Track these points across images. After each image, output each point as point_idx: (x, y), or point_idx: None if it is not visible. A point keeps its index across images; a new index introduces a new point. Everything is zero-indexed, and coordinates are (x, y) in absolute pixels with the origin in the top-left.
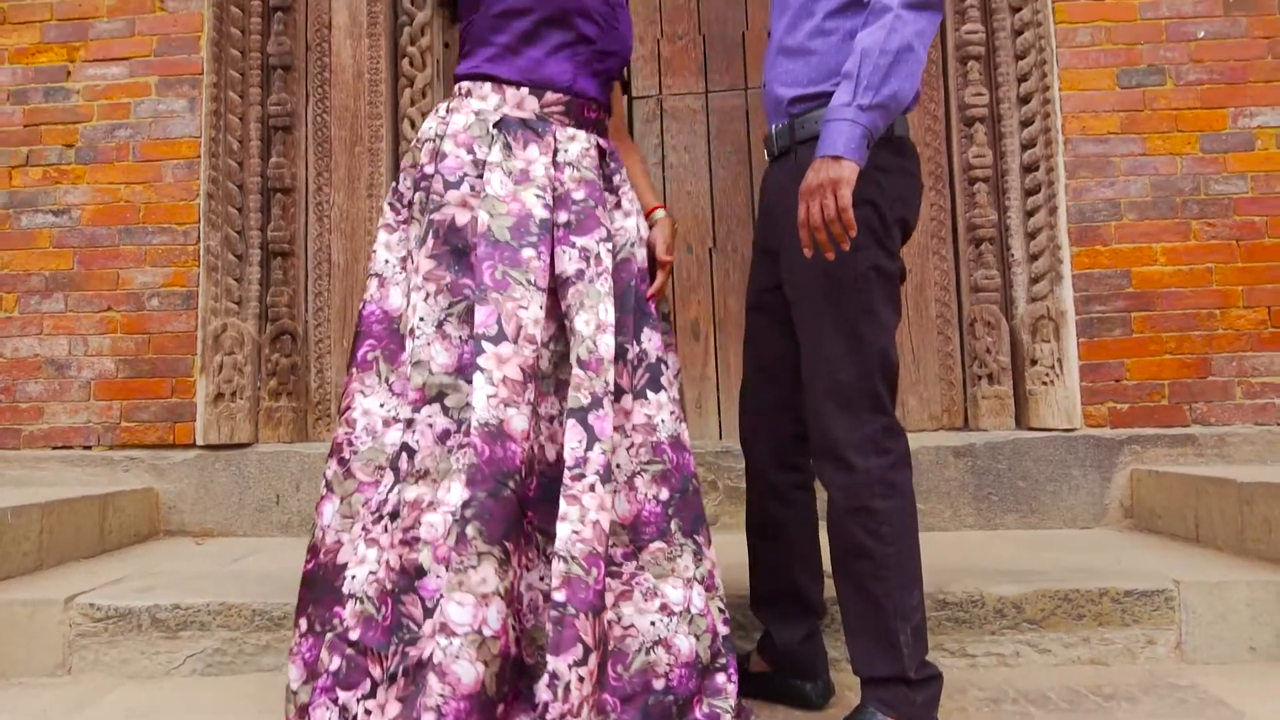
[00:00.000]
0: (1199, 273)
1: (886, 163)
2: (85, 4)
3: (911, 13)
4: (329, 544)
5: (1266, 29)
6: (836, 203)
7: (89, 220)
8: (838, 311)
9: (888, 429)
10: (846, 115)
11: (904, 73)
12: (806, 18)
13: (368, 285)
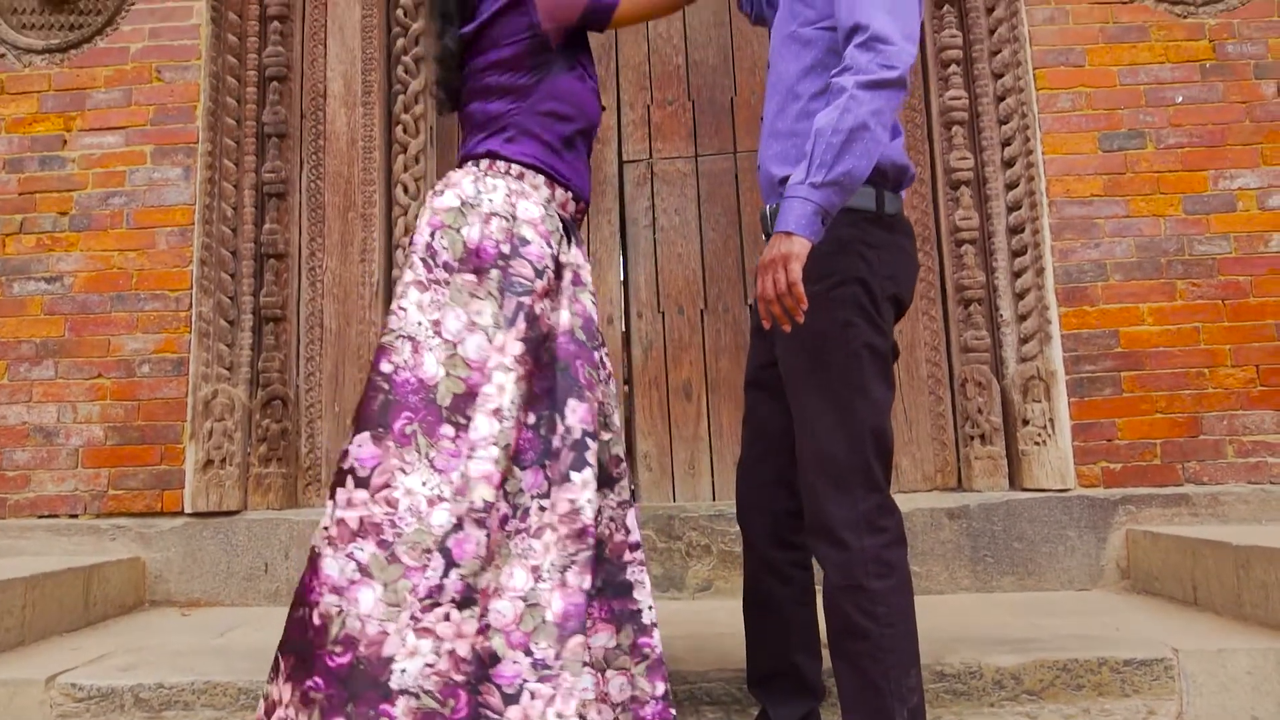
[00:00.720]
0: (1186, 332)
1: (877, 239)
2: (83, 74)
3: (867, 92)
4: (371, 635)
5: (1243, 94)
6: (787, 276)
7: (81, 287)
8: (829, 389)
9: (882, 507)
10: (799, 193)
11: (858, 151)
12: (793, 100)
13: (396, 347)
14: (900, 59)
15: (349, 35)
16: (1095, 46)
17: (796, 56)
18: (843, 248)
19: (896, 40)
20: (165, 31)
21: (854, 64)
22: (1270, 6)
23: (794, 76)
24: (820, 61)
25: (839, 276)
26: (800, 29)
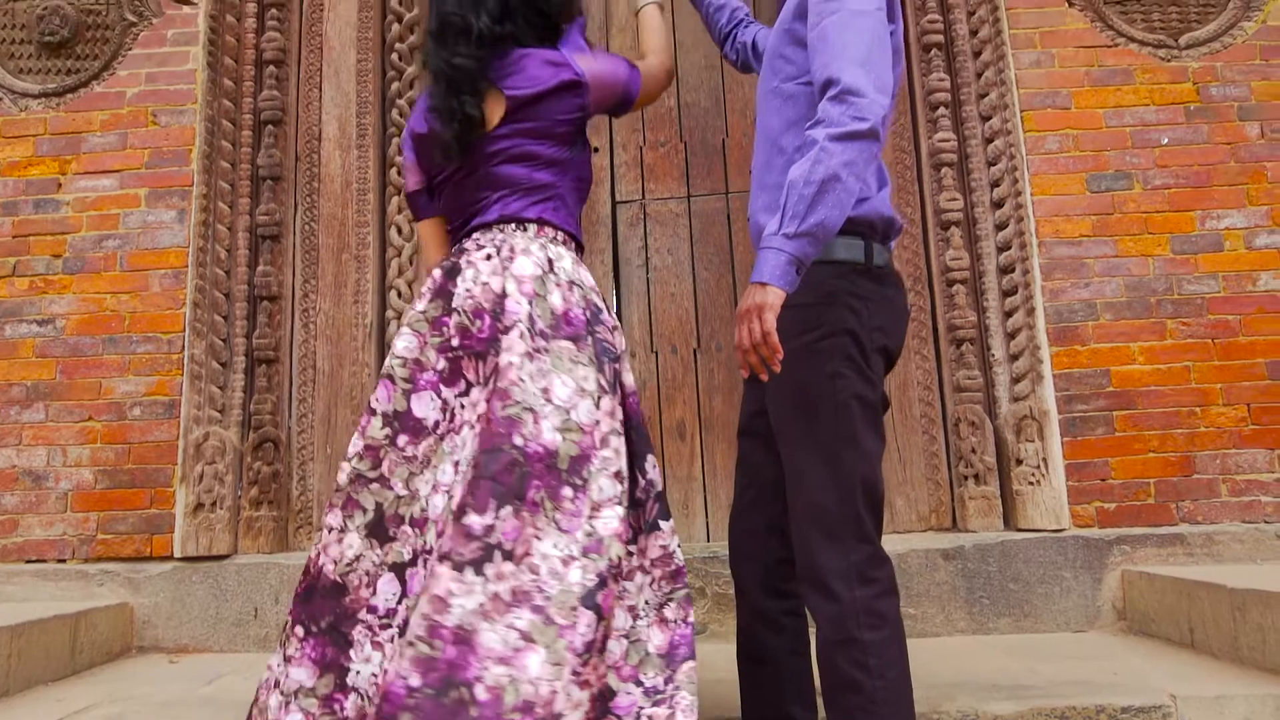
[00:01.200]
0: (1177, 371)
1: (866, 291)
2: (79, 118)
3: (838, 144)
4: (544, 696)
5: (1227, 135)
6: (761, 326)
7: (73, 330)
8: (819, 440)
9: (873, 558)
10: (773, 244)
11: (830, 202)
12: (778, 154)
13: (522, 419)
14: (872, 111)
15: (344, 79)
16: (1081, 90)
17: (779, 111)
18: (831, 300)
19: (868, 93)
20: (162, 76)
21: (826, 117)
22: (1252, 50)
23: (777, 130)
24: (803, 116)
25: (828, 328)
26: (782, 84)
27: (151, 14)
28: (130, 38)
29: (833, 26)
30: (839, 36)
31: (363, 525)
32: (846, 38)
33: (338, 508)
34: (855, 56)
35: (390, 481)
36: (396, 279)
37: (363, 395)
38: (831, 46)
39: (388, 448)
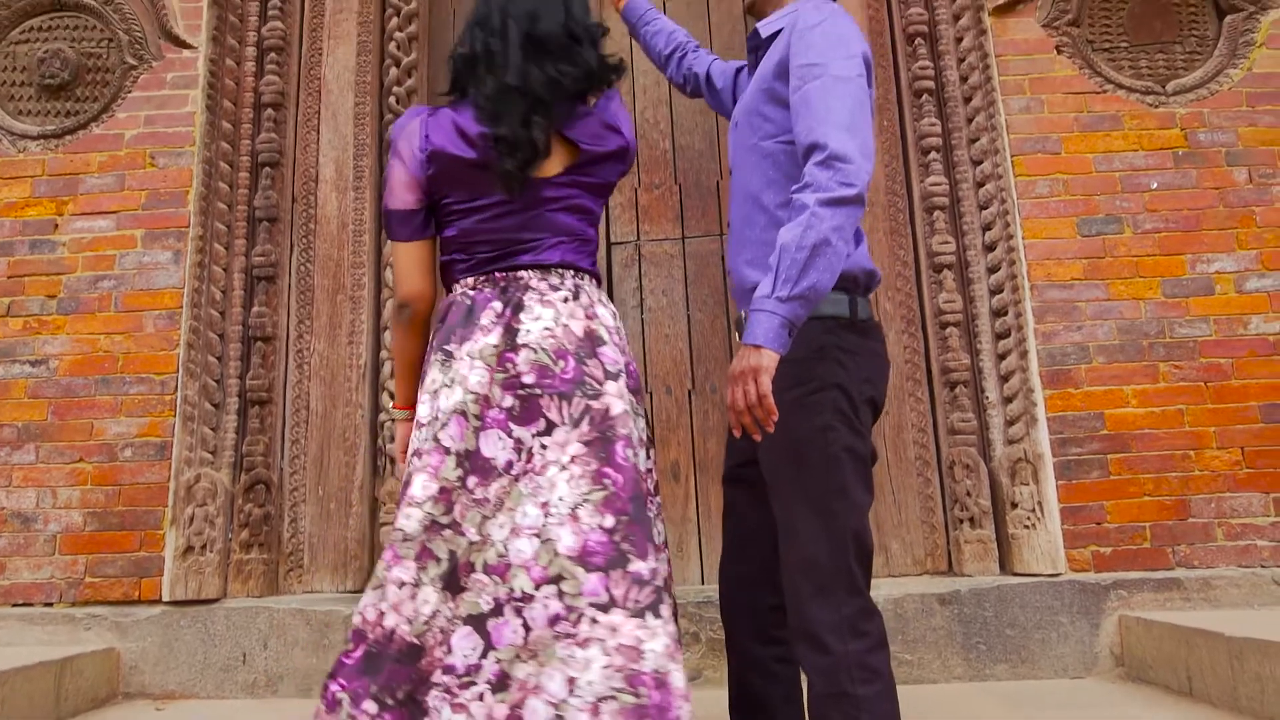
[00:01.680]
0: (1171, 414)
1: (852, 345)
2: (77, 160)
3: (827, 209)
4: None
5: (1215, 180)
6: (757, 389)
7: (66, 370)
8: (810, 492)
9: (864, 610)
10: (766, 306)
11: (821, 265)
12: (760, 211)
13: (636, 464)
14: (859, 177)
15: (342, 122)
16: (1070, 135)
17: (758, 168)
18: (820, 354)
19: (855, 159)
20: (160, 119)
21: (814, 181)
22: (1238, 97)
23: (758, 187)
24: (784, 174)
25: (817, 382)
26: (761, 142)
27: (152, 57)
28: (130, 80)
29: (816, 91)
30: (823, 102)
31: (438, 577)
32: (831, 103)
33: (409, 559)
34: (840, 122)
35: (463, 527)
36: None
37: (356, 436)
38: (816, 111)
39: (459, 490)
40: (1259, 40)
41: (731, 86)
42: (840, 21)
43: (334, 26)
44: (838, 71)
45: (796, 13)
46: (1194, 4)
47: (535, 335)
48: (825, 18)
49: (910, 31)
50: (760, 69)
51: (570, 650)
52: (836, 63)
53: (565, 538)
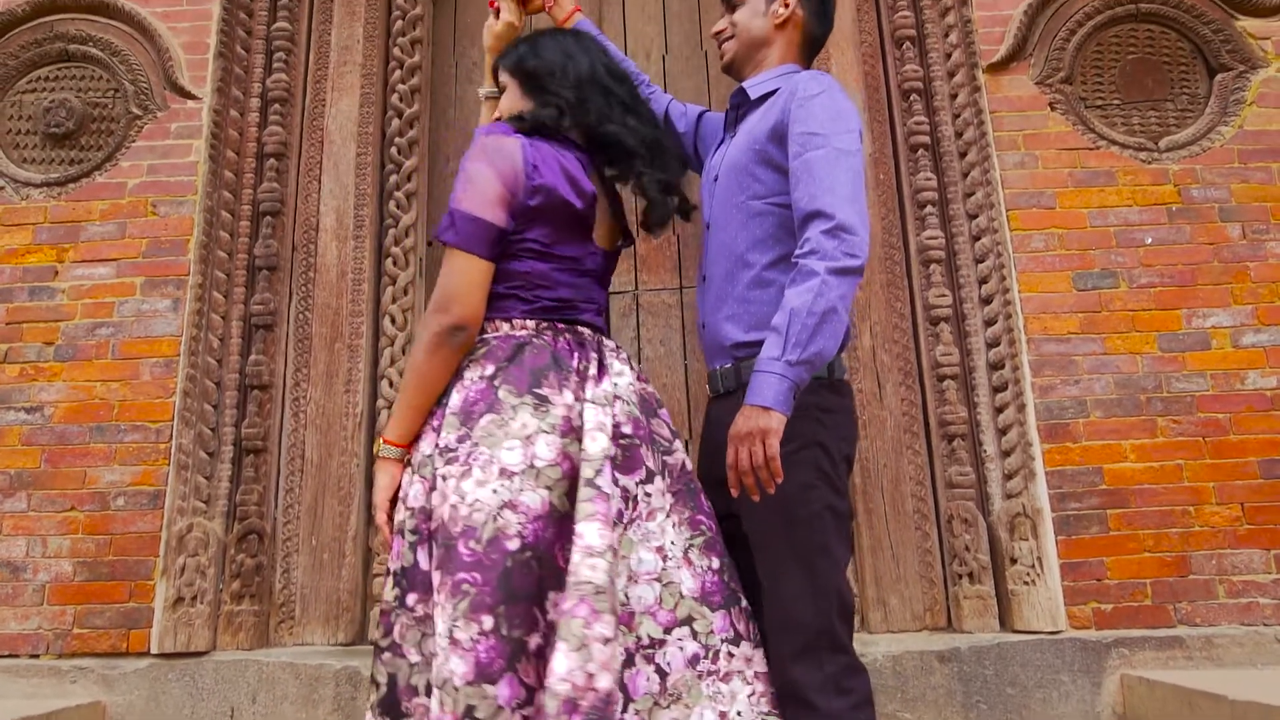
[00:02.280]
0: (1170, 469)
1: (831, 404)
2: (79, 208)
3: (836, 278)
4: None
5: (1209, 235)
6: (765, 451)
7: (61, 418)
8: (794, 551)
9: (849, 668)
10: (775, 369)
11: (828, 332)
12: (744, 268)
13: None
14: (863, 249)
15: (343, 171)
16: (1065, 190)
17: (745, 226)
18: (803, 413)
19: (860, 231)
20: (163, 168)
21: (820, 249)
22: (1230, 154)
23: (744, 245)
24: (772, 235)
25: (799, 441)
26: (750, 201)
27: (157, 108)
28: (134, 130)
29: (819, 161)
30: (828, 173)
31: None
32: (836, 175)
33: (605, 613)
34: (845, 194)
35: None
36: (389, 368)
37: (350, 485)
38: (820, 180)
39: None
40: (1249, 99)
41: (693, 131)
42: (838, 95)
43: (338, 79)
44: (840, 144)
45: (794, 81)
46: (1184, 63)
47: (624, 388)
48: (825, 89)
49: (906, 88)
50: (749, 129)
51: (716, 686)
52: (839, 136)
53: (686, 580)
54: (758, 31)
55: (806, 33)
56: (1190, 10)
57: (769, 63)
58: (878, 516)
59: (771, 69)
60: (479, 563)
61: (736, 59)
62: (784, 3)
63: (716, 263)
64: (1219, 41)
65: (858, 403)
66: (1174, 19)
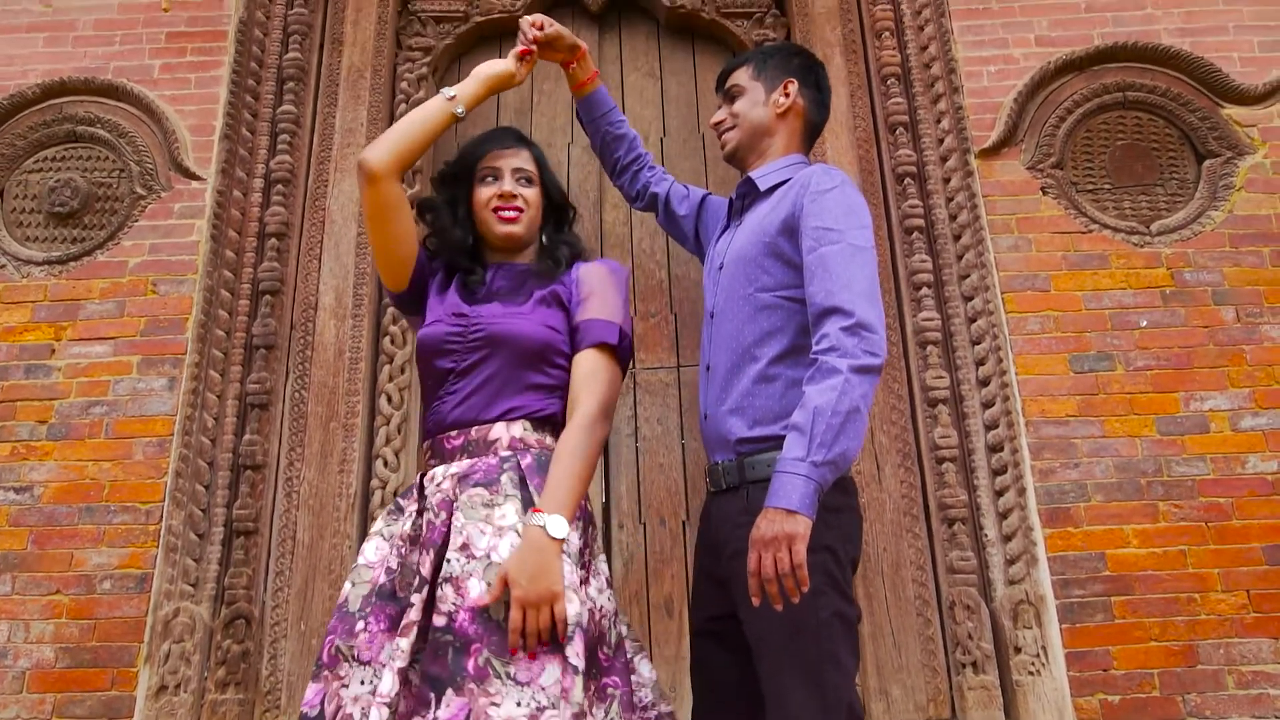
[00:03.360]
0: (1173, 555)
1: (837, 503)
2: (79, 286)
3: (858, 376)
4: None
5: (1204, 319)
6: (791, 558)
7: (50, 498)
8: (801, 660)
9: None
10: (800, 470)
11: (852, 432)
12: (751, 361)
13: None
14: (882, 348)
15: (344, 251)
16: (1059, 273)
17: (752, 319)
18: None
19: (878, 330)
20: (165, 247)
21: (841, 346)
22: (1221, 238)
23: (751, 338)
24: (779, 328)
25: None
26: (759, 293)
27: (161, 188)
28: (138, 210)
29: (835, 257)
30: (844, 269)
31: None
32: (852, 271)
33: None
34: (863, 291)
35: None
36: (384, 448)
37: (342, 568)
38: (837, 276)
39: None
40: (1237, 184)
41: (695, 215)
42: (851, 191)
43: (341, 160)
44: (855, 240)
45: (806, 174)
46: (1173, 148)
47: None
48: (838, 184)
49: (900, 172)
50: (758, 220)
51: None
52: (853, 231)
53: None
54: (760, 121)
55: (808, 121)
56: (1176, 99)
57: (773, 152)
58: (878, 602)
59: (777, 159)
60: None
61: (740, 149)
62: (785, 92)
63: (720, 353)
64: (1206, 128)
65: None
66: (1161, 107)
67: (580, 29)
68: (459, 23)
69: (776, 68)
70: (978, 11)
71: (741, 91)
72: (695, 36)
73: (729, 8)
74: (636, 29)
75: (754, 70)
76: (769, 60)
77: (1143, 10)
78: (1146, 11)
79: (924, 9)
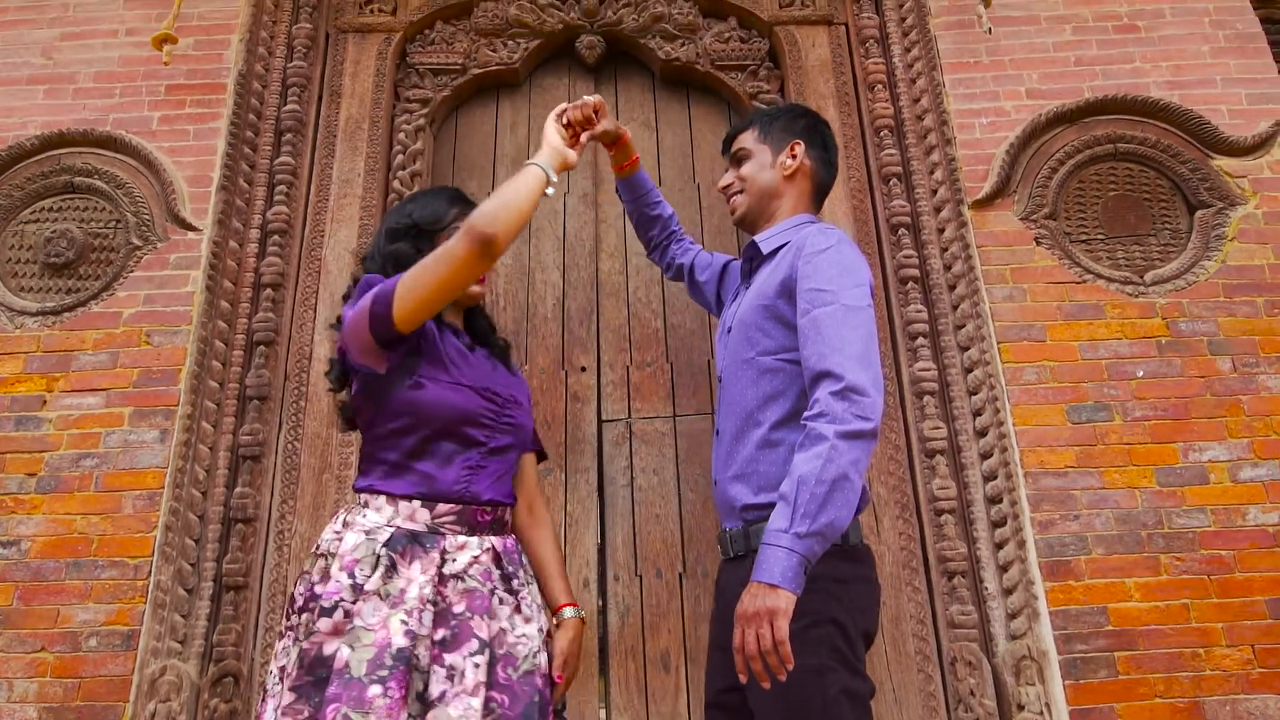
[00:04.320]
0: (1176, 610)
1: (845, 573)
2: (73, 337)
3: (846, 442)
4: None
5: (1200, 369)
6: (773, 634)
7: (38, 553)
8: None
9: None
10: (783, 542)
11: (840, 501)
12: (754, 426)
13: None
14: (875, 411)
15: (339, 301)
16: (1054, 323)
17: (755, 383)
18: (814, 585)
19: (871, 393)
20: (160, 298)
21: (830, 412)
22: (1215, 288)
23: (753, 402)
24: (781, 392)
25: (812, 617)
26: (759, 357)
27: (157, 239)
28: (134, 260)
29: (828, 319)
30: (836, 331)
31: None
32: (844, 333)
33: None
34: (854, 353)
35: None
36: None
37: None
38: (828, 339)
39: None
40: (1230, 234)
41: (716, 281)
42: (847, 249)
43: (337, 210)
44: (849, 300)
45: (803, 235)
46: (1165, 199)
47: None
48: (833, 244)
49: (894, 222)
50: (760, 284)
51: None
52: (847, 291)
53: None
54: (768, 184)
55: (816, 181)
56: (1167, 150)
57: (781, 214)
58: (878, 657)
59: (784, 220)
60: None
61: (749, 213)
62: (791, 154)
63: (727, 419)
64: (1197, 180)
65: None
66: (1152, 158)
67: (576, 80)
68: (456, 75)
69: (782, 129)
70: (969, 65)
71: (748, 155)
72: (690, 88)
73: (723, 61)
74: (632, 81)
75: (760, 133)
76: (775, 122)
77: (1131, 64)
78: (1135, 65)
79: (915, 62)
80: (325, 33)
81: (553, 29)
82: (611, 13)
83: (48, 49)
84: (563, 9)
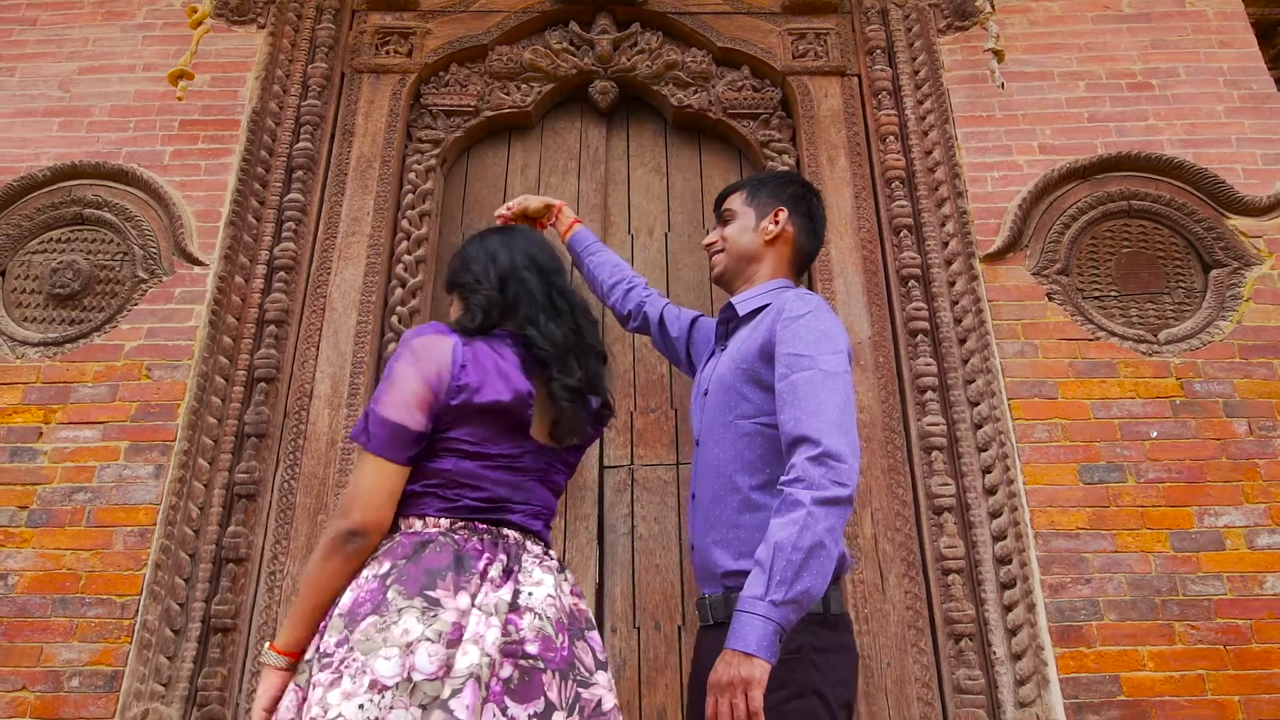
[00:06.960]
0: (1191, 680)
1: (826, 642)
2: (73, 369)
3: (822, 509)
4: None
5: (1215, 431)
6: (747, 705)
7: (25, 588)
8: None
9: None
10: (759, 610)
11: (815, 569)
12: (732, 492)
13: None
14: (851, 477)
15: (342, 339)
16: (1066, 380)
17: (734, 446)
18: (796, 655)
19: (847, 459)
20: (162, 332)
21: (806, 477)
22: (1230, 349)
23: (732, 467)
24: (761, 457)
25: (794, 688)
26: (738, 420)
27: (163, 272)
28: (138, 293)
29: (805, 384)
30: (813, 396)
31: None
32: (822, 399)
33: None
34: (832, 419)
35: None
36: None
37: None
38: (805, 404)
39: None
40: (1245, 295)
41: (686, 336)
42: (825, 315)
43: (345, 248)
44: (826, 366)
45: (782, 299)
46: (1179, 257)
47: (539, 600)
48: (812, 309)
49: (904, 274)
50: (739, 346)
51: None
52: (825, 357)
53: None
54: (748, 247)
55: (797, 248)
56: (1181, 209)
57: (759, 277)
58: None
59: (762, 284)
60: None
61: (727, 272)
62: (774, 219)
63: (705, 482)
64: (1211, 239)
65: (859, 594)
66: (1166, 216)
67: (589, 125)
68: (469, 116)
69: (769, 195)
70: (981, 119)
71: (733, 216)
72: (702, 134)
73: (736, 108)
74: (644, 126)
75: (747, 196)
76: (763, 187)
77: (1145, 121)
78: (1149, 123)
79: (928, 115)
80: (341, 72)
81: (566, 74)
82: (625, 59)
83: (65, 82)
84: (577, 54)
